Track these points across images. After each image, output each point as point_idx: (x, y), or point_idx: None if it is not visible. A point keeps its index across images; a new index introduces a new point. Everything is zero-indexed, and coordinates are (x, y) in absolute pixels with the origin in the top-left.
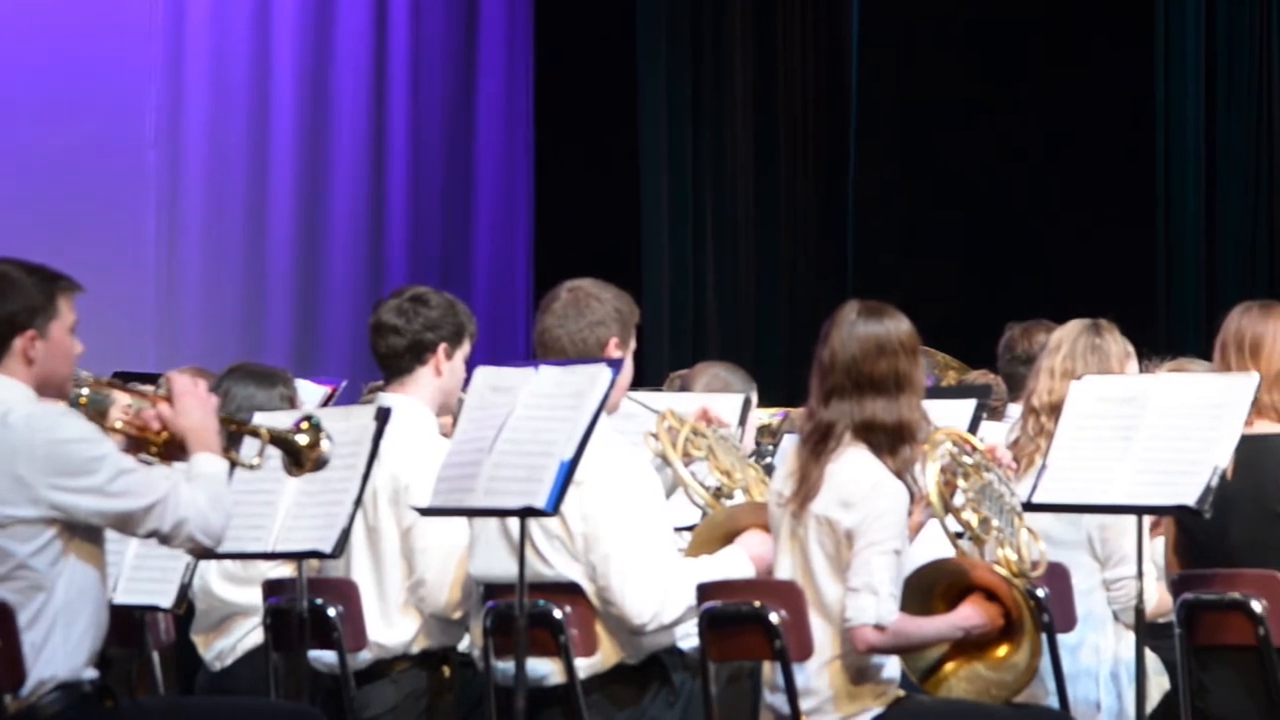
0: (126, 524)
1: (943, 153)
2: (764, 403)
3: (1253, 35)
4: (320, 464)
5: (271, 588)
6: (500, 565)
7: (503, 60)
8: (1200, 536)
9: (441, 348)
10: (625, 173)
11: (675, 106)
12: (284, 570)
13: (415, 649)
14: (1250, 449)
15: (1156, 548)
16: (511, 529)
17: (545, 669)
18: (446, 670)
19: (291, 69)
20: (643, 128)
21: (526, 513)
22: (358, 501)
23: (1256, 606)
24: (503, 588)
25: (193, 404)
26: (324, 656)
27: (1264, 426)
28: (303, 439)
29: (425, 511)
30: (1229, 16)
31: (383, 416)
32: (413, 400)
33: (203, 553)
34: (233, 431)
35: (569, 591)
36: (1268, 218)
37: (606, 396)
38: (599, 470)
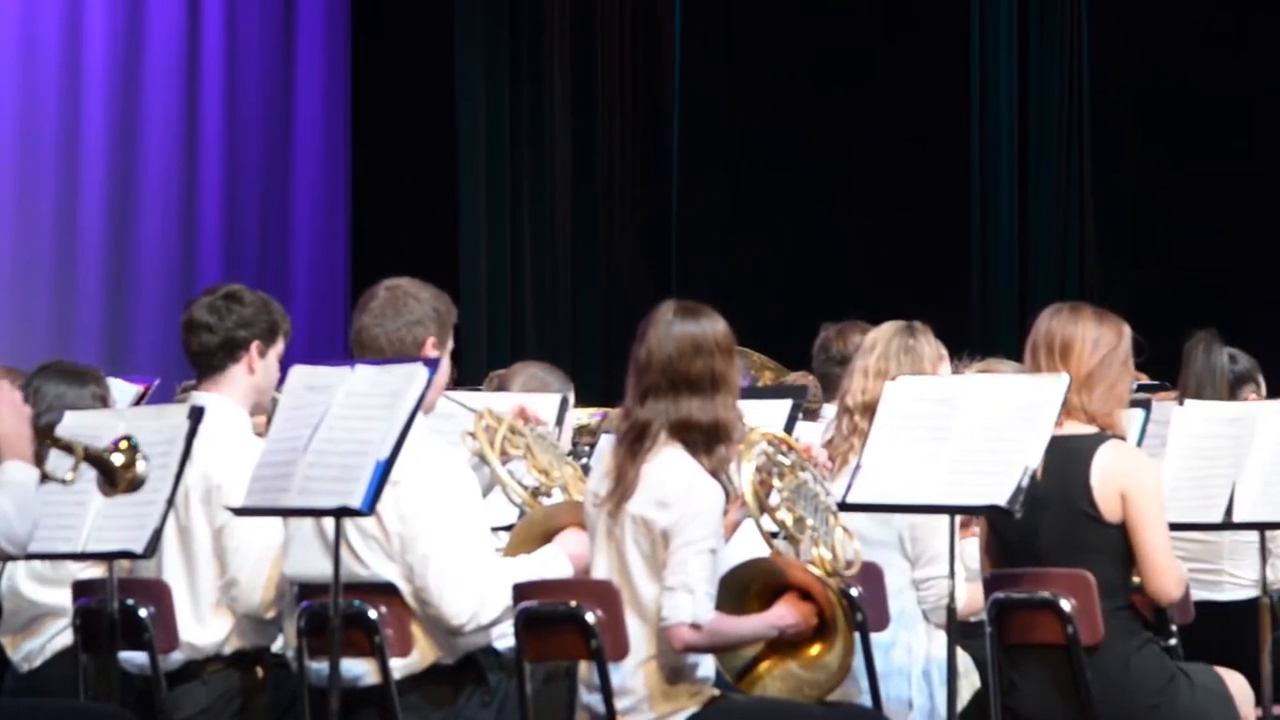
0: None
1: (764, 153)
2: (583, 403)
3: (1063, 39)
4: (135, 485)
5: (81, 588)
6: (315, 565)
7: (320, 56)
8: (1011, 536)
9: (254, 346)
10: (443, 172)
11: (494, 106)
12: (94, 571)
13: (228, 649)
14: (1060, 450)
15: (968, 547)
16: (326, 529)
17: (360, 669)
18: (260, 671)
19: (102, 63)
20: (461, 126)
21: (341, 513)
22: (170, 501)
23: (1066, 605)
24: (317, 588)
25: (5, 411)
26: (135, 658)
27: (1073, 428)
28: (118, 459)
29: (239, 511)
30: (1041, 20)
31: (195, 416)
32: (226, 399)
33: (8, 556)
34: (47, 445)
35: (384, 592)
36: (1078, 222)
37: (423, 396)
38: (415, 470)
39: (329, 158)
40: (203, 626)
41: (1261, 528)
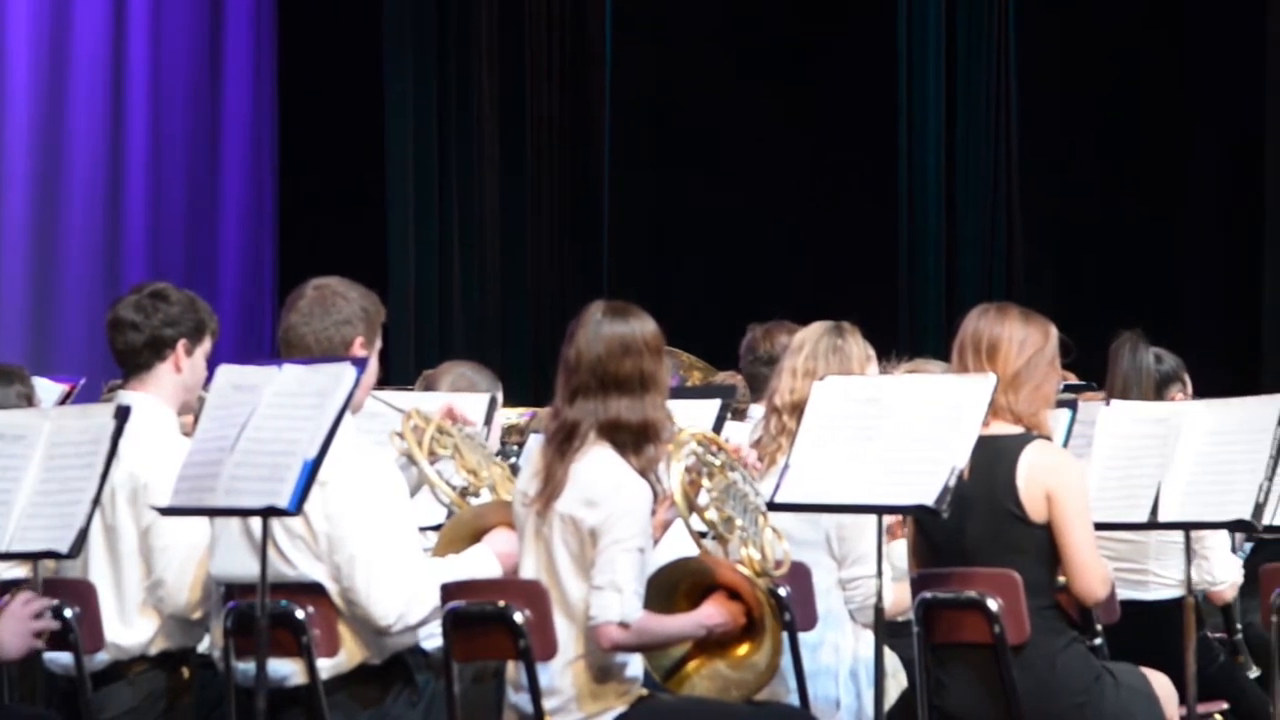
0: None
1: (694, 153)
2: (512, 403)
3: (990, 41)
4: None
5: (5, 589)
6: (241, 565)
7: (247, 56)
8: (938, 536)
9: (181, 344)
10: (371, 171)
11: (421, 104)
12: (19, 571)
13: (154, 650)
14: (986, 450)
15: (895, 547)
16: (253, 529)
17: (287, 669)
18: (186, 671)
19: (27, 64)
20: (389, 126)
21: (269, 512)
22: (95, 501)
23: (992, 605)
24: (244, 588)
25: None
26: (59, 658)
27: (1000, 428)
28: None
29: (165, 511)
30: (968, 22)
31: (122, 415)
32: (152, 398)
33: None
34: None
35: (311, 592)
36: (1005, 223)
37: (351, 395)
38: (343, 470)
39: (256, 156)
40: (128, 627)
41: (1186, 527)
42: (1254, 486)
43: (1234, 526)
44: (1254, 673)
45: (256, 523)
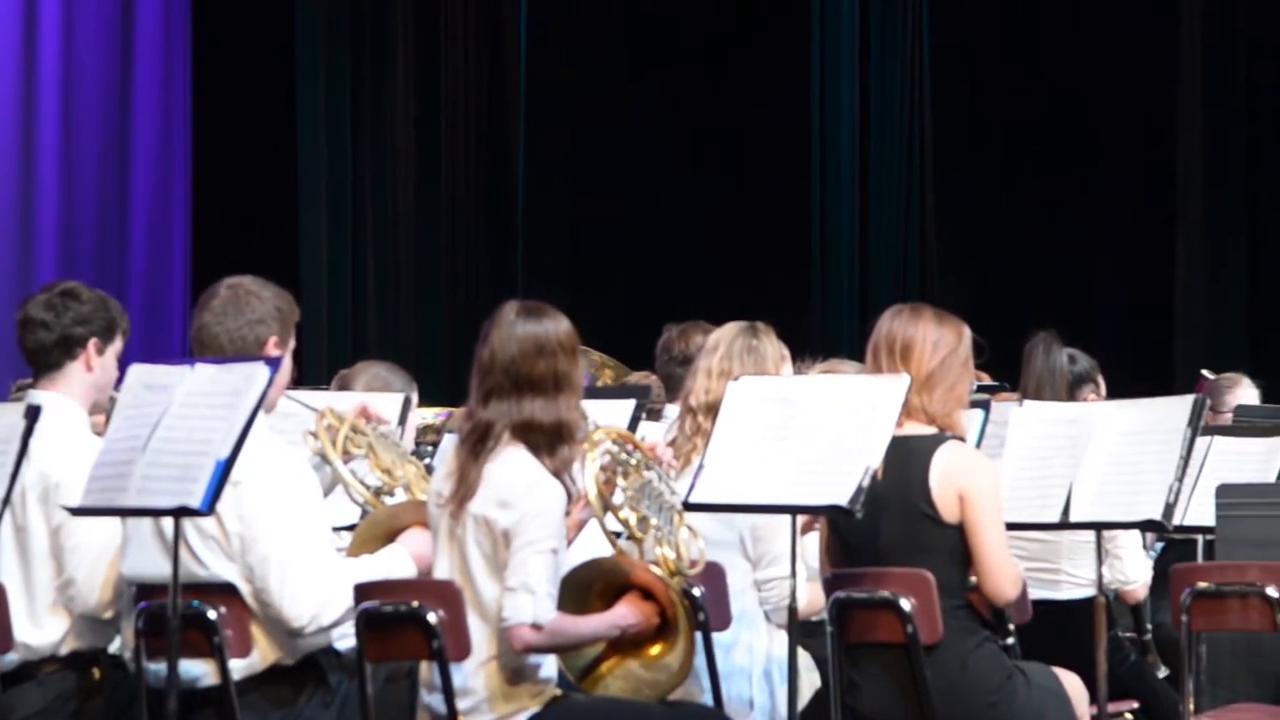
0: None
1: (609, 153)
2: (428, 403)
3: (904, 42)
4: None
5: None
6: (153, 565)
7: (159, 53)
8: (852, 536)
9: (92, 343)
10: (283, 170)
11: (334, 105)
12: None
13: (64, 650)
14: (900, 450)
15: (809, 547)
16: (165, 529)
17: (199, 670)
18: (97, 672)
19: None
20: (302, 126)
21: (180, 512)
22: (5, 500)
23: (905, 605)
24: (155, 588)
25: None
26: None
27: (913, 428)
28: None
29: (76, 511)
30: (881, 23)
31: (32, 414)
32: (63, 397)
33: None
34: None
35: (223, 592)
36: (919, 224)
37: (264, 395)
38: (256, 470)
39: (168, 155)
40: (38, 627)
41: (1098, 527)
42: (1164, 487)
43: (1145, 526)
44: (1163, 672)
45: (168, 523)
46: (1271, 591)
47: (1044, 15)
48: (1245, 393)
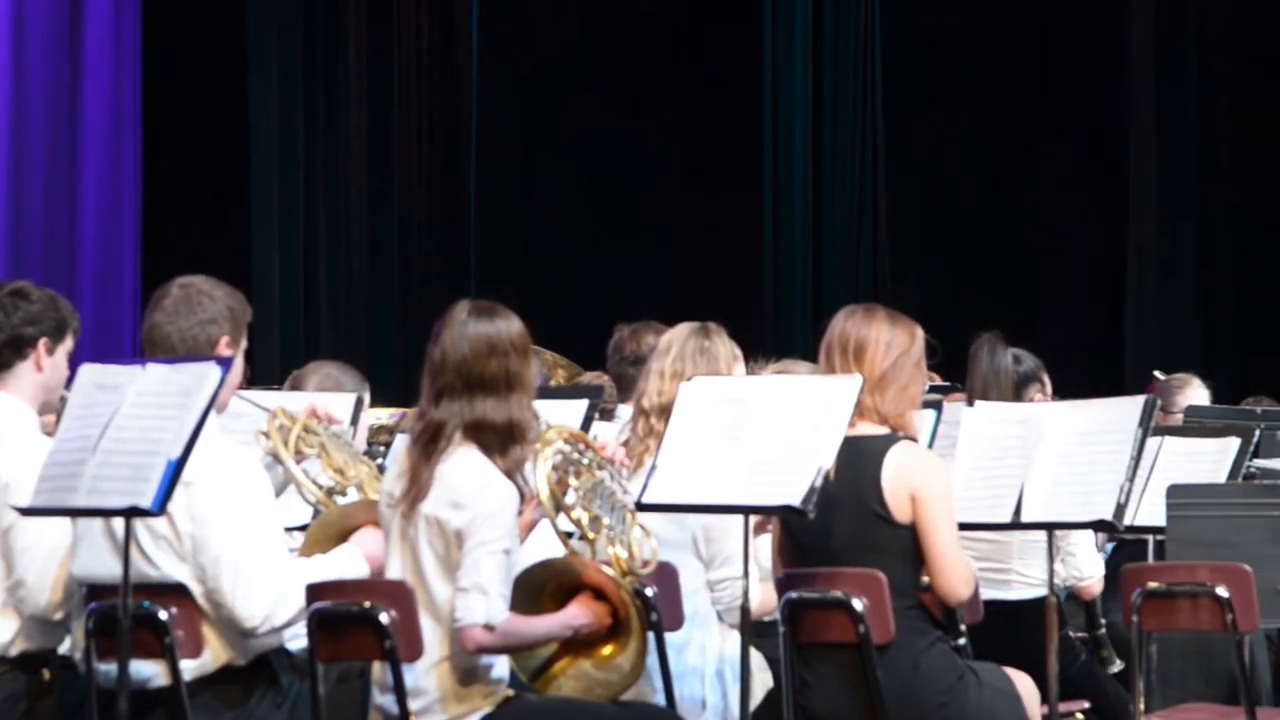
0: None
1: (561, 154)
2: (381, 403)
3: (857, 41)
4: None
5: None
6: (104, 566)
7: (109, 51)
8: (804, 536)
9: (42, 343)
10: (236, 170)
11: (287, 102)
12: None
13: (14, 651)
14: (852, 450)
15: (761, 547)
16: (116, 529)
17: (150, 671)
18: (47, 673)
19: None
20: (254, 123)
21: (131, 513)
22: None
23: (858, 605)
24: (106, 588)
25: None
26: None
27: (866, 428)
28: None
29: (26, 511)
30: (835, 24)
31: None
32: (13, 398)
33: None
34: None
35: (174, 592)
36: (871, 225)
37: (216, 395)
38: (208, 470)
39: (118, 154)
40: None
41: (1049, 527)
42: (1115, 487)
43: (1096, 527)
44: (1117, 666)
45: (119, 523)
46: (1222, 591)
47: (995, 15)
48: (1196, 393)
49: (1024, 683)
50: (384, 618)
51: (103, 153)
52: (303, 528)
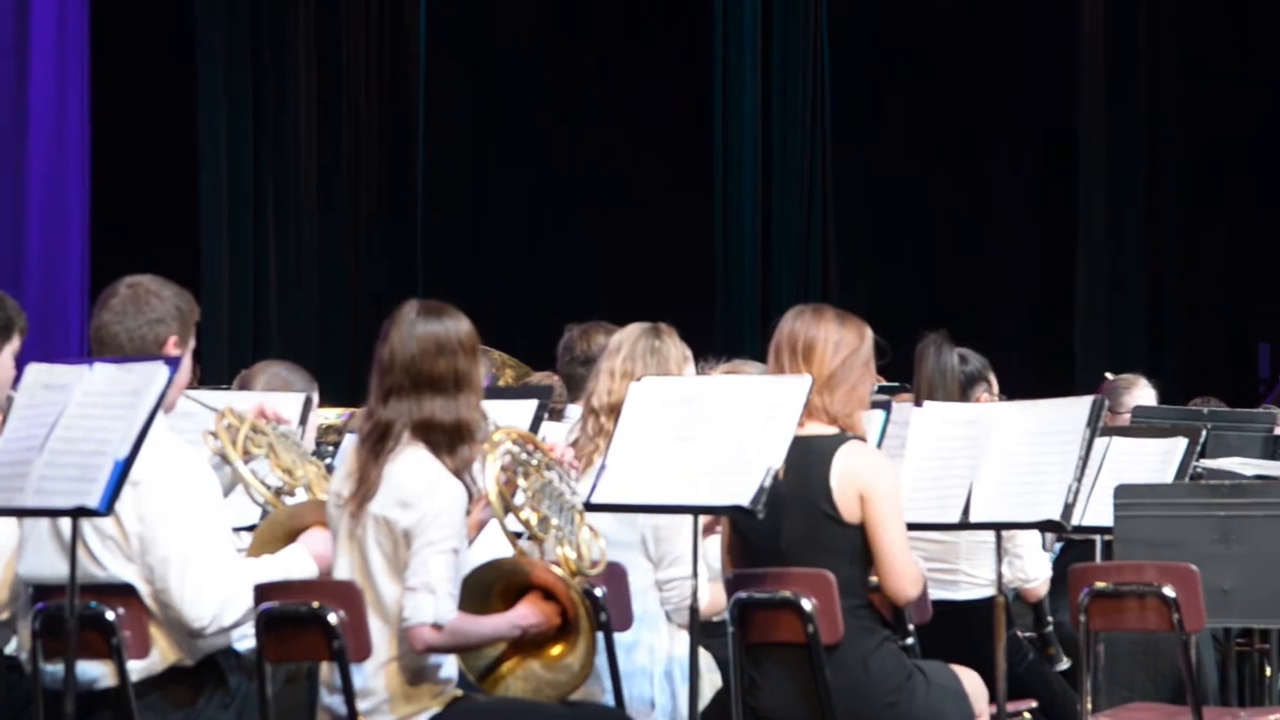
0: None
1: (510, 154)
2: (329, 403)
3: (805, 42)
4: None
5: None
6: (50, 566)
7: (54, 48)
8: (753, 536)
9: None
10: (184, 168)
11: (236, 100)
12: None
13: None
14: (801, 450)
15: (710, 547)
16: (63, 529)
17: (96, 672)
18: None
19: None
20: (202, 122)
21: (79, 513)
22: None
23: (806, 605)
24: (53, 589)
25: None
26: None
27: (815, 428)
28: None
29: None
30: (784, 25)
31: None
32: None
33: None
34: None
35: (122, 593)
36: (820, 226)
37: (164, 395)
38: (156, 470)
39: (63, 152)
40: None
41: (997, 528)
42: (1063, 487)
43: (1043, 527)
44: (1065, 664)
45: (66, 523)
46: (1168, 591)
47: (943, 17)
48: (1143, 394)
49: (972, 681)
50: (332, 618)
51: (50, 151)
52: (251, 528)
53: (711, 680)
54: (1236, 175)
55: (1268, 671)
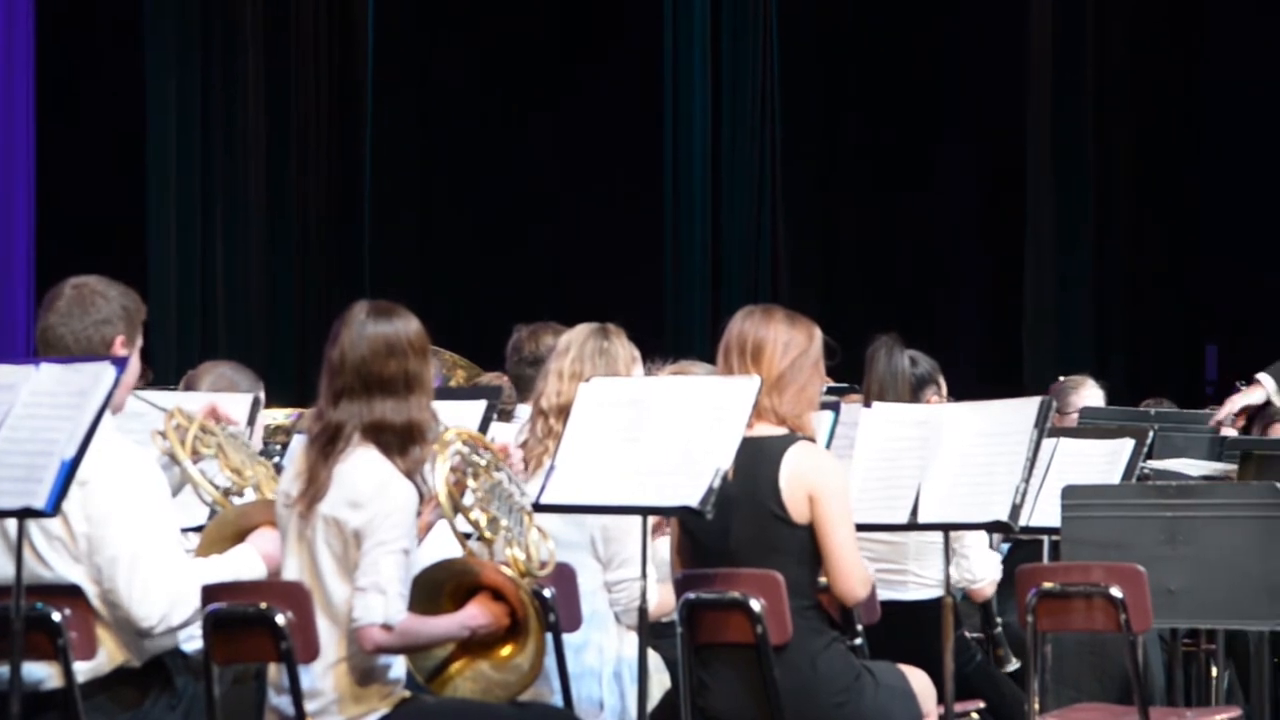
0: None
1: (459, 155)
2: (276, 404)
3: (754, 49)
4: None
5: None
6: None
7: (0, 44)
8: (702, 537)
9: None
10: (132, 166)
11: (184, 98)
12: None
13: None
14: (750, 451)
15: (659, 549)
16: (9, 530)
17: (42, 673)
18: None
19: None
20: (150, 119)
21: (25, 514)
22: None
23: (755, 605)
24: None
25: None
26: None
27: (764, 429)
28: None
29: None
30: (732, 30)
31: None
32: None
33: None
34: None
35: (68, 594)
36: (770, 226)
37: (111, 395)
38: (103, 470)
39: (9, 152)
40: None
41: (946, 528)
42: (1011, 488)
43: (991, 528)
44: (1013, 665)
45: (12, 524)
46: (1115, 592)
47: (894, 14)
48: (1090, 394)
49: (920, 681)
50: (280, 619)
51: None
52: (199, 528)
53: (660, 681)
54: (1185, 177)
55: (1214, 671)
